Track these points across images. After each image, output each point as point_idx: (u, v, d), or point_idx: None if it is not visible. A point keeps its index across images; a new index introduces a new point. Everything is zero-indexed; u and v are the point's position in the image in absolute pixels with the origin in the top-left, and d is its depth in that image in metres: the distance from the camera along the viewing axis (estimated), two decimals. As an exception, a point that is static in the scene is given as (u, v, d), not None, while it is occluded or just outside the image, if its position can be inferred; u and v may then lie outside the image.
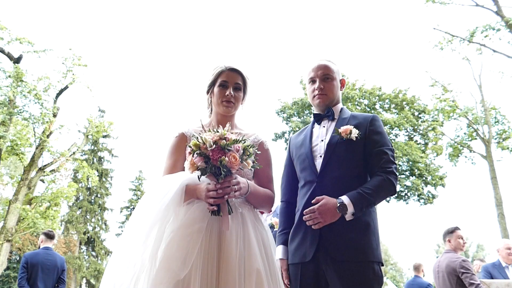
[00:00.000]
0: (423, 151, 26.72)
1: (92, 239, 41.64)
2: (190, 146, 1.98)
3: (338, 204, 2.07)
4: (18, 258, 36.14)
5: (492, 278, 4.72)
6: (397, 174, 2.28)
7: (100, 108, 37.32)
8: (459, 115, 20.09)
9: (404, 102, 27.35)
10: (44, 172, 17.99)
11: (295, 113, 28.08)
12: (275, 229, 2.77)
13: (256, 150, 2.14)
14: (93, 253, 42.15)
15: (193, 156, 1.94)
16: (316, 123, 2.47)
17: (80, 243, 40.92)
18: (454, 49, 19.53)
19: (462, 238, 4.81)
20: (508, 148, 19.09)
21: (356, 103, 27.42)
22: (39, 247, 5.93)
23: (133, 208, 32.15)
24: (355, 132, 2.24)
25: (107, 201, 42.80)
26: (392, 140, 27.21)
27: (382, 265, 2.19)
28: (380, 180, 2.19)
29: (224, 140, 1.93)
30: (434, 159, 26.48)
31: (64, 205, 19.04)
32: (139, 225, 1.96)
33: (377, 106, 27.87)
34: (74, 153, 19.09)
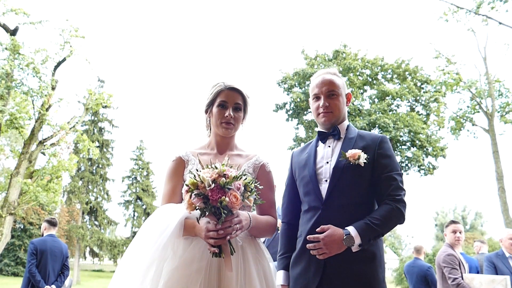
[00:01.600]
0: (425, 122, 26.60)
1: (94, 209, 42.14)
2: (187, 185, 1.85)
3: (345, 236, 1.97)
4: (22, 227, 36.69)
5: (495, 268, 4.72)
6: (406, 202, 2.16)
7: (100, 78, 37.01)
8: (462, 88, 19.83)
9: (406, 73, 27.03)
10: (44, 145, 17.94)
11: (296, 83, 27.78)
12: (278, 232, 2.69)
13: (258, 185, 2.01)
14: (96, 223, 42.74)
15: (190, 196, 1.81)
16: (320, 141, 2.34)
17: (83, 213, 41.43)
18: (459, 20, 19.07)
19: (456, 232, 4.79)
20: (511, 122, 18.94)
21: (358, 73, 27.11)
22: (42, 235, 5.98)
23: (135, 178, 32.70)
24: (363, 157, 2.12)
25: (109, 172, 43.11)
26: (394, 111, 27.04)
27: None
28: (389, 210, 2.07)
29: (224, 178, 1.80)
30: (436, 132, 26.38)
31: (65, 176, 19.05)
32: (137, 263, 1.87)
33: (379, 77, 27.56)
34: (74, 126, 18.98)
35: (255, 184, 1.91)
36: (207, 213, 1.82)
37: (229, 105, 2.22)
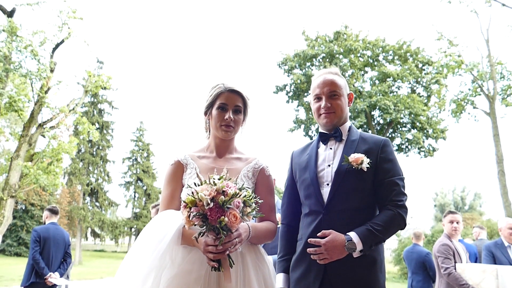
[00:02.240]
0: (426, 104, 26.51)
1: (95, 191, 42.35)
2: (184, 202, 1.81)
3: (347, 242, 1.96)
4: (24, 208, 36.95)
5: (494, 257, 4.75)
6: (407, 207, 2.14)
7: (99, 60, 36.80)
8: (464, 70, 19.66)
9: (408, 54, 26.82)
10: (44, 128, 17.89)
11: (297, 65, 27.58)
12: (278, 226, 2.67)
13: (258, 199, 1.97)
14: (97, 204, 43.00)
15: (189, 216, 1.77)
16: (321, 143, 2.30)
17: (84, 194, 41.65)
18: (462, 1, 18.81)
19: (453, 222, 4.81)
20: (512, 105, 18.85)
21: (358, 54, 26.89)
22: (44, 223, 6.00)
23: (135, 159, 32.71)
24: (366, 162, 2.08)
25: (109, 153, 43.16)
26: (394, 93, 26.93)
27: None
28: (391, 216, 2.06)
29: (223, 196, 1.75)
30: (437, 115, 26.30)
31: (66, 158, 19.01)
32: (135, 271, 1.85)
33: (380, 58, 27.35)
34: (73, 108, 18.90)
35: (254, 200, 1.87)
36: (205, 233, 1.78)
37: (229, 108, 2.18)
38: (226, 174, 1.88)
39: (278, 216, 3.07)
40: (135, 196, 47.75)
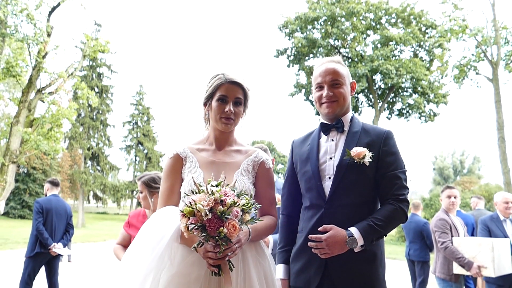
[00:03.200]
0: (428, 69, 26.24)
1: (96, 155, 42.54)
2: (182, 211, 1.78)
3: (348, 238, 1.95)
4: (26, 171, 37.25)
5: (489, 231, 4.80)
6: (409, 201, 2.13)
7: (96, 22, 36.11)
8: (468, 35, 19.30)
9: (411, 17, 26.30)
10: (43, 94, 17.79)
11: (298, 28, 27.09)
12: (278, 206, 2.68)
13: (258, 205, 1.93)
14: (98, 168, 43.29)
15: (187, 227, 1.75)
16: (323, 133, 2.27)
17: (85, 159, 41.87)
18: (469, -37, 18.25)
19: (451, 197, 4.84)
20: (515, 70, 18.63)
21: (361, 17, 26.38)
22: (45, 195, 6.04)
23: (135, 123, 32.61)
24: (368, 156, 2.05)
25: (109, 117, 43.06)
26: (397, 57, 26.61)
27: None
28: (393, 210, 2.05)
29: (221, 206, 1.72)
30: (439, 80, 26.06)
31: (66, 122, 18.96)
32: (134, 272, 1.84)
33: (383, 21, 26.83)
34: (72, 73, 18.71)
35: (253, 206, 1.84)
36: (204, 244, 1.78)
37: (229, 100, 2.13)
38: (224, 181, 1.86)
39: (278, 197, 3.07)
40: (136, 160, 48.03)
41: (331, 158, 2.17)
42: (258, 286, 1.97)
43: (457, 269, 4.47)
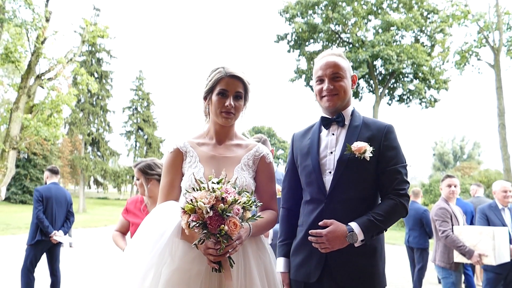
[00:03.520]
0: (429, 54, 26.08)
1: (96, 140, 42.55)
2: (183, 208, 1.77)
3: (348, 233, 1.96)
4: (26, 157, 37.34)
5: (488, 220, 4.82)
6: (409, 196, 2.13)
7: (95, 7, 35.79)
8: (471, 21, 19.12)
9: (413, 1, 26.05)
10: (42, 79, 17.71)
11: (299, 13, 26.85)
12: (278, 196, 2.68)
13: (258, 203, 1.94)
14: (99, 153, 43.34)
15: (188, 225, 1.75)
16: (323, 127, 2.25)
17: (85, 144, 41.90)
18: None
19: (451, 186, 4.86)
20: (517, 56, 18.50)
21: (362, 2, 26.13)
22: (45, 183, 6.05)
23: (135, 108, 32.53)
24: (369, 151, 2.05)
25: (109, 103, 42.93)
26: (398, 42, 26.43)
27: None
28: (393, 205, 2.05)
29: (222, 204, 1.73)
30: (440, 66, 25.92)
31: (66, 108, 18.90)
32: (135, 268, 1.84)
33: (384, 6, 26.58)
34: (71, 59, 18.61)
35: (253, 203, 1.84)
36: (205, 240, 1.78)
37: (229, 94, 2.11)
38: (225, 178, 1.85)
39: (278, 187, 3.07)
40: (136, 145, 48.08)
41: (331, 153, 2.16)
42: (258, 281, 1.98)
43: (458, 258, 4.51)
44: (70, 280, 7.88)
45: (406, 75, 27.24)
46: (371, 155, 2.05)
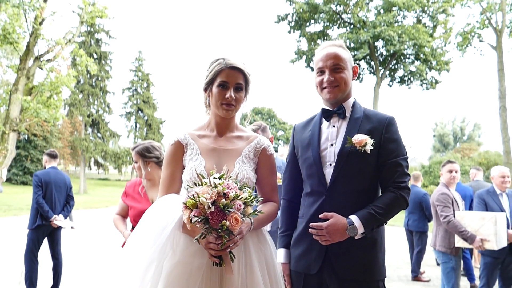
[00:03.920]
0: (431, 35, 25.82)
1: (96, 122, 42.51)
2: (184, 203, 1.77)
3: (349, 226, 1.97)
4: (27, 138, 37.38)
5: (486, 205, 4.84)
6: (410, 188, 2.13)
7: (93, -14, 35.35)
8: (473, 1, 18.87)
9: (415, -19, 25.67)
10: (41, 61, 17.61)
11: (300, -7, 26.52)
12: (279, 184, 2.69)
13: (260, 198, 1.94)
14: (99, 135, 43.36)
15: (190, 220, 1.75)
16: (324, 119, 2.24)
17: (85, 126, 41.88)
18: None
19: (452, 172, 4.86)
20: (520, 38, 18.31)
21: (364, -18, 25.76)
22: (44, 168, 6.04)
23: (135, 89, 32.42)
24: (369, 143, 2.04)
25: (108, 84, 42.76)
26: (399, 23, 26.14)
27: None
28: (393, 198, 2.05)
29: (224, 199, 1.73)
30: (442, 48, 25.68)
31: (65, 89, 18.82)
32: (136, 262, 1.85)
33: (386, -14, 26.21)
34: (70, 40, 18.46)
35: (255, 198, 1.84)
36: (207, 235, 1.79)
37: (230, 86, 2.09)
38: (227, 173, 1.85)
39: (279, 175, 3.08)
40: (136, 127, 48.07)
41: (332, 145, 2.15)
42: (259, 274, 1.99)
43: (459, 243, 4.53)
44: (72, 262, 7.98)
45: (408, 56, 27.03)
46: (371, 148, 2.04)
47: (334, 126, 2.19)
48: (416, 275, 7.22)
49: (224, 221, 1.72)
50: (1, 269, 7.44)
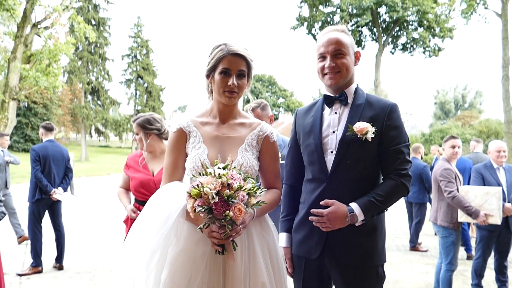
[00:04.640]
0: (435, 1, 25.33)
1: (96, 89, 42.29)
2: (188, 193, 1.78)
3: (349, 214, 1.99)
4: (27, 105, 37.32)
5: (483, 179, 4.86)
6: (411, 175, 2.12)
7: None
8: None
9: None
10: (39, 28, 17.35)
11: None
12: (282, 162, 2.70)
13: (263, 189, 1.95)
14: (99, 102, 43.22)
15: (194, 209, 1.77)
16: (326, 106, 2.22)
17: (85, 93, 41.69)
18: None
19: (454, 147, 4.86)
20: (526, 5, 17.90)
21: None
22: (41, 141, 6.01)
23: (134, 56, 32.13)
24: (371, 131, 2.03)
25: (107, 51, 42.30)
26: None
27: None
28: (394, 186, 2.06)
29: (228, 190, 1.75)
30: (446, 14, 25.21)
31: (64, 57, 18.64)
32: (140, 251, 1.88)
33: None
34: (67, 7, 18.12)
35: (258, 191, 1.85)
36: (210, 225, 1.82)
37: (232, 73, 2.06)
38: (231, 163, 1.86)
39: (283, 154, 3.07)
40: (136, 94, 47.85)
41: (334, 132, 2.14)
42: (262, 261, 2.02)
43: (462, 217, 4.58)
44: (76, 232, 8.12)
45: (411, 23, 26.61)
46: (373, 136, 2.03)
47: (336, 112, 2.18)
48: (414, 245, 7.35)
49: (228, 211, 1.74)
50: (7, 238, 7.58)
